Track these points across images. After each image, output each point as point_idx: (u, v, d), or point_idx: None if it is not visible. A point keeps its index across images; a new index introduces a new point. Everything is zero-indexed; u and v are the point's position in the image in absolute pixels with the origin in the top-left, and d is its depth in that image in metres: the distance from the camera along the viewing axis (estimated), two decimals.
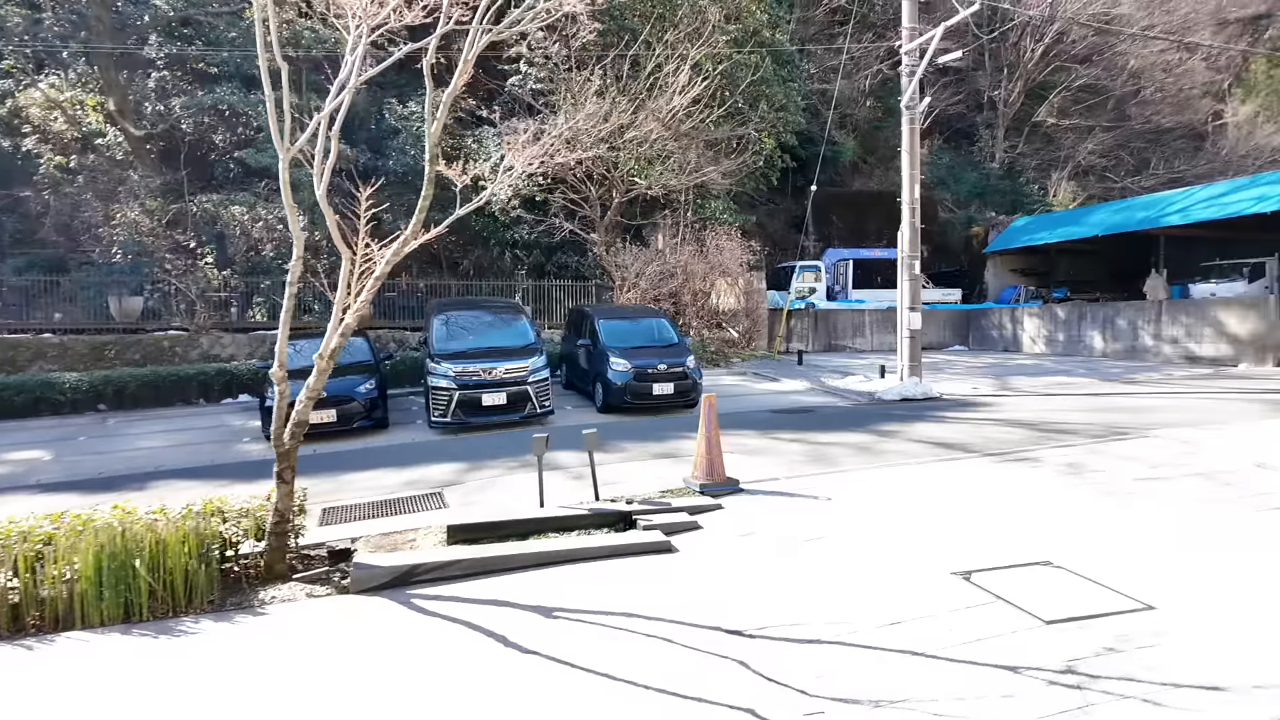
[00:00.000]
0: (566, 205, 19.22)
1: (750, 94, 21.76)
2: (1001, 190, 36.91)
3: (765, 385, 15.43)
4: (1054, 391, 13.46)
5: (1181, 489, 6.39)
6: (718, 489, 6.51)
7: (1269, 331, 15.78)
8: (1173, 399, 11.82)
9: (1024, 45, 37.96)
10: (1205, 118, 38.46)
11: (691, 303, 19.80)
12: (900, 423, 10.35)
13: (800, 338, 21.73)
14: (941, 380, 15.31)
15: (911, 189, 13.66)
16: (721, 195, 22.35)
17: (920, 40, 13.17)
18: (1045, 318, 21.18)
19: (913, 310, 13.80)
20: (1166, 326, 17.71)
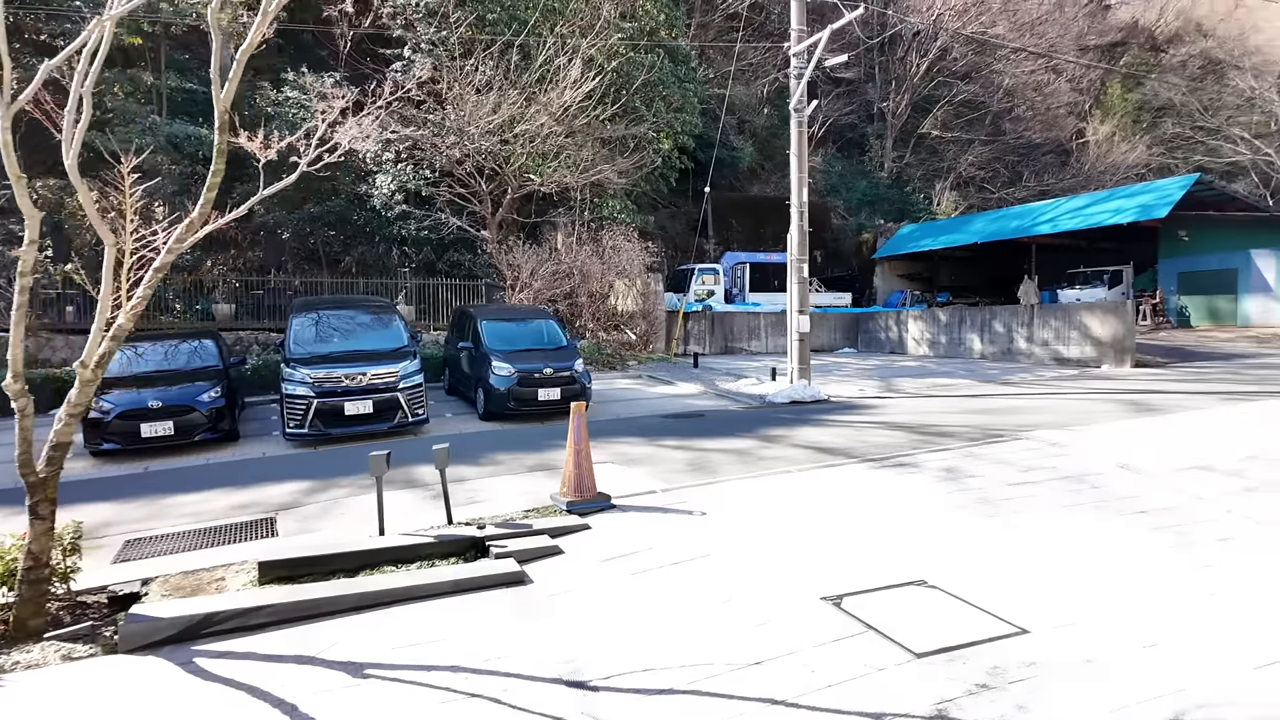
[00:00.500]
0: (454, 200, 18.25)
1: (646, 93, 21.44)
2: (890, 199, 38.31)
3: (659, 389, 15.04)
4: (935, 393, 13.68)
5: (1052, 494, 6.32)
6: (587, 506, 5.95)
7: (1126, 335, 16.71)
8: (1043, 400, 12.18)
9: (910, 60, 39.54)
10: (1070, 135, 41.23)
11: (588, 304, 19.23)
12: (786, 427, 10.12)
13: (698, 340, 21.57)
14: (830, 382, 15.37)
15: (800, 192, 13.58)
16: (619, 195, 21.90)
17: (808, 42, 13.10)
18: (929, 321, 21.87)
19: (802, 313, 13.73)
20: (1038, 330, 18.53)
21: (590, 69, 17.56)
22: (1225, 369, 16.03)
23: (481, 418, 11.59)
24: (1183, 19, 51.54)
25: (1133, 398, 11.86)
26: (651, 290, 19.98)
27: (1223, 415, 9.66)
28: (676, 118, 22.61)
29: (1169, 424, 9.15)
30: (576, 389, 11.50)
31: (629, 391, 14.63)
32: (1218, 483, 6.48)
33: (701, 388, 14.74)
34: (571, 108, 17.65)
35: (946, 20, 38.94)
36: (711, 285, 25.92)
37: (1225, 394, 11.82)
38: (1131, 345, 16.87)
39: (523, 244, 18.98)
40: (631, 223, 21.33)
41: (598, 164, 19.15)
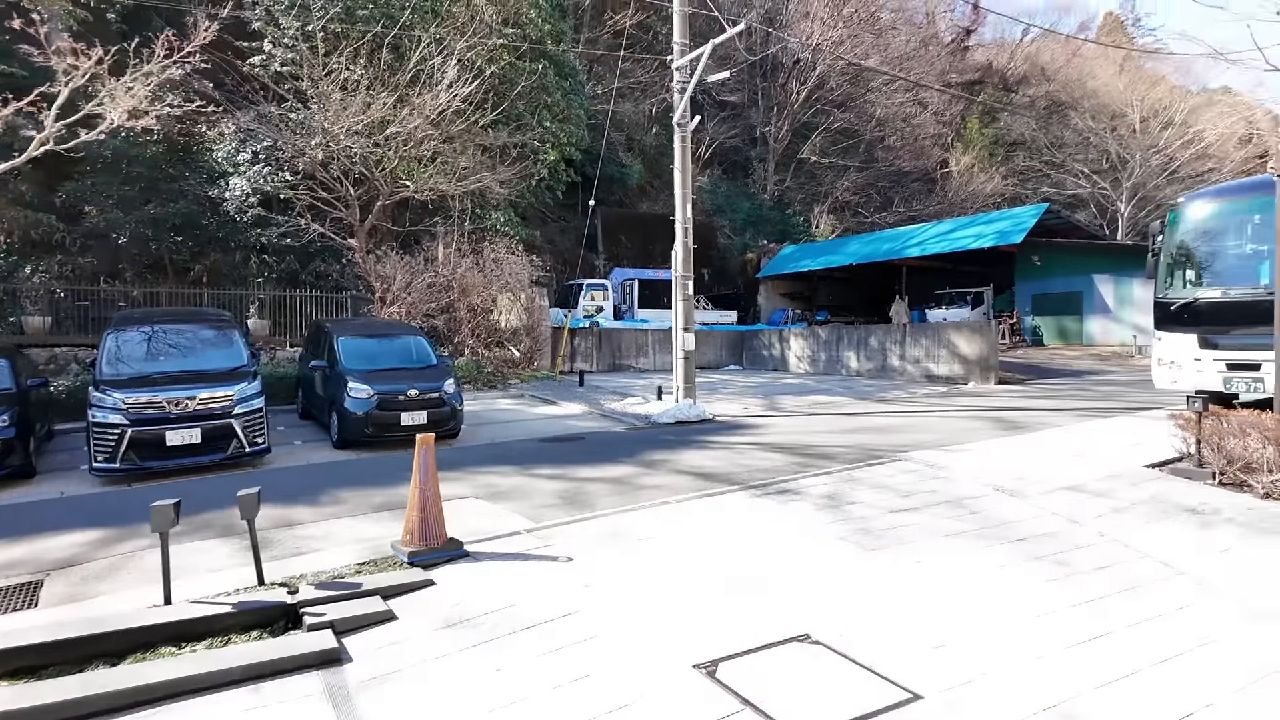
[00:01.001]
0: (316, 205, 16.77)
1: (529, 101, 20.72)
2: (772, 220, 39.28)
3: (541, 409, 14.24)
4: (815, 411, 13.64)
5: (934, 522, 6.06)
6: (433, 556, 5.11)
7: (991, 353, 17.44)
8: (918, 418, 12.32)
9: (790, 87, 40.87)
10: (935, 165, 43.85)
11: (468, 319, 18.18)
12: (669, 450, 9.60)
13: (585, 357, 20.91)
14: (716, 401, 15.09)
15: (684, 208, 13.25)
16: (503, 206, 21.02)
17: (690, 56, 12.83)
18: (809, 339, 22.21)
19: (687, 331, 13.36)
20: (910, 348, 19.10)
21: (468, 72, 16.65)
22: (1075, 385, 17.03)
23: (335, 445, 10.40)
24: (1029, 63, 56.31)
25: (999, 415, 12.19)
26: (536, 305, 19.17)
27: (1081, 433, 9.96)
28: (562, 129, 22.01)
29: (1036, 443, 9.29)
30: (446, 412, 10.55)
31: (508, 413, 13.75)
32: (1088, 504, 6.44)
33: (586, 407, 14.07)
34: (448, 112, 16.65)
35: (824, 50, 40.58)
36: (600, 301, 25.39)
37: (1079, 410, 12.37)
38: (995, 363, 17.64)
39: (396, 254, 17.72)
40: (516, 235, 20.47)
41: (478, 172, 18.20)
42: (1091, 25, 64.41)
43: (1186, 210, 10.96)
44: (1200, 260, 10.84)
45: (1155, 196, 34.81)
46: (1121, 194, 33.82)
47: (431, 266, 17.84)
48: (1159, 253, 11.14)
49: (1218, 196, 11.10)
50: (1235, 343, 10.09)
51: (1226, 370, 10.11)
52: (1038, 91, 53.05)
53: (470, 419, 12.50)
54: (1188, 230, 10.89)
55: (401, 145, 16.77)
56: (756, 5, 43.79)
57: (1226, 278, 10.46)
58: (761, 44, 41.93)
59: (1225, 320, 10.24)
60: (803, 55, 40.94)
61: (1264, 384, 9.73)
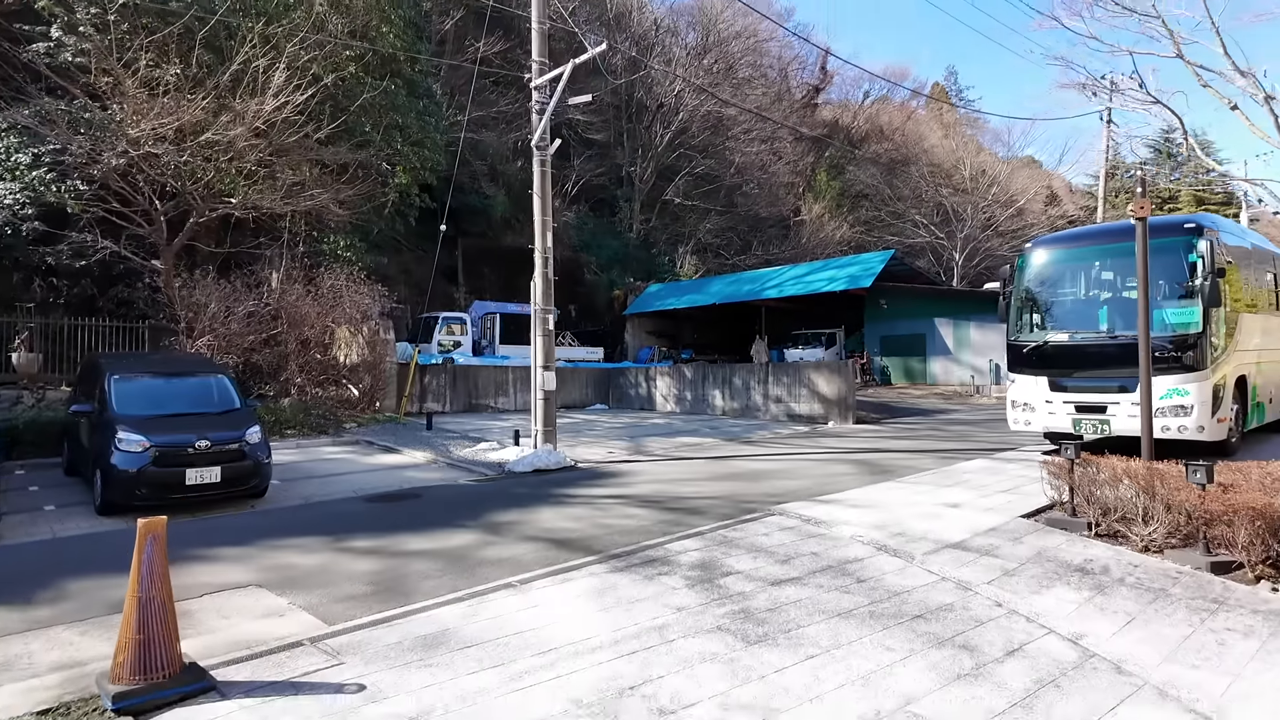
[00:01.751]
0: (109, 218, 14.17)
1: (379, 120, 18.98)
2: (639, 258, 39.12)
3: (377, 458, 12.43)
4: (683, 454, 12.79)
5: (821, 597, 5.17)
6: (156, 696, 3.52)
7: (849, 393, 17.48)
8: (786, 462, 11.74)
9: (655, 130, 41.28)
10: (790, 212, 45.67)
11: (297, 354, 15.95)
12: (522, 508, 8.27)
13: (436, 396, 19.07)
14: (580, 444, 13.91)
15: (544, 236, 12.13)
16: (345, 230, 18.98)
17: (550, 75, 11.87)
18: (675, 377, 21.62)
19: (547, 369, 12.15)
20: (773, 387, 18.89)
21: (303, 79, 14.78)
22: (927, 424, 17.35)
23: (99, 511, 8.23)
24: (870, 123, 60.66)
25: (864, 458, 11.84)
26: (380, 339, 17.23)
27: (948, 478, 9.65)
28: (415, 152, 20.38)
29: (908, 490, 8.82)
30: (247, 467, 8.67)
31: (336, 463, 11.85)
32: (977, 567, 5.81)
33: (431, 455, 12.42)
34: (278, 121, 14.66)
35: (686, 97, 41.42)
36: (458, 336, 23.68)
37: (939, 452, 12.28)
38: (853, 403, 17.70)
39: (212, 279, 15.30)
40: (359, 262, 18.47)
41: (311, 189, 16.19)
42: (923, 93, 70.64)
43: (1032, 256, 11.16)
44: (1047, 304, 11.04)
45: (982, 248, 37.89)
46: (956, 244, 36.46)
47: (256, 294, 15.56)
48: (1009, 297, 11.27)
49: (1060, 243, 11.44)
50: (1082, 385, 10.24)
51: (1075, 412, 10.22)
52: (879, 149, 57.13)
53: (286, 472, 10.59)
54: (1034, 275, 11.08)
55: (220, 155, 14.56)
56: (621, 51, 44.30)
57: (1072, 322, 10.68)
58: (627, 93, 42.30)
59: (1072, 364, 10.40)
60: (666, 100, 41.59)
61: (1109, 426, 9.88)
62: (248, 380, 15.74)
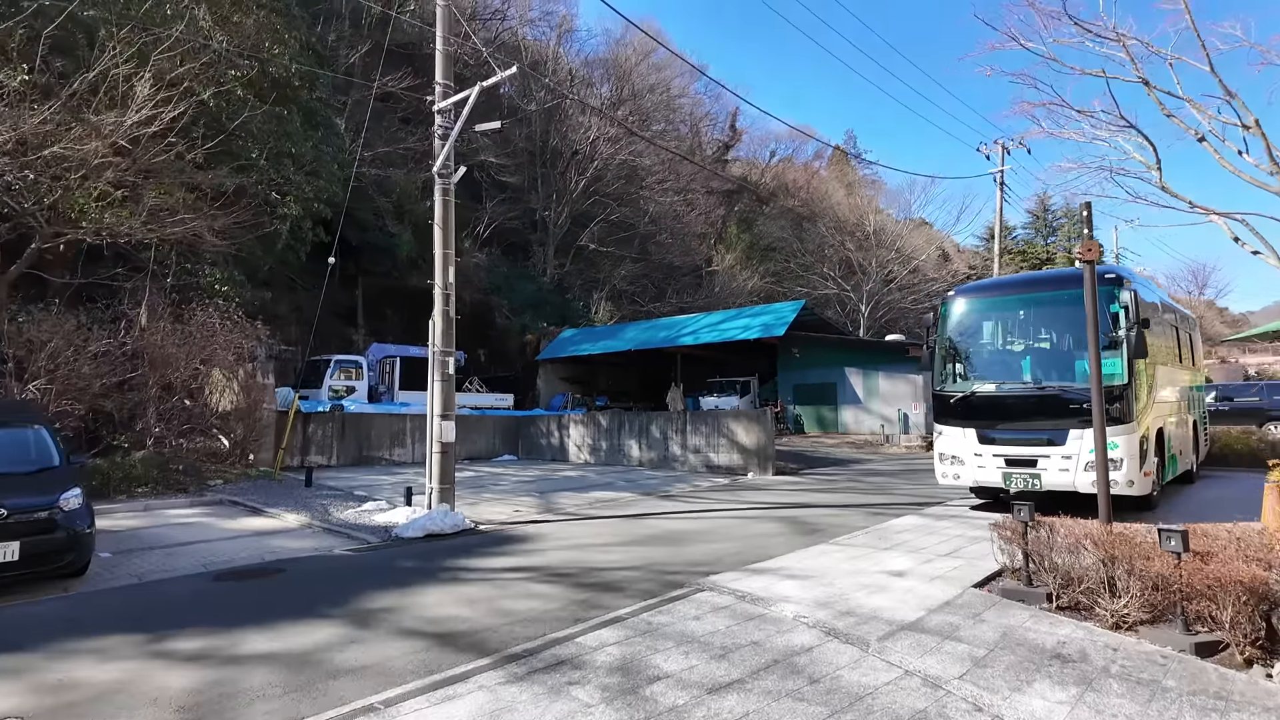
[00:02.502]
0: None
1: (267, 146, 17.35)
2: (553, 303, 38.07)
3: (240, 522, 10.62)
4: (598, 511, 11.61)
5: (770, 709, 4.13)
6: None
7: (768, 443, 16.82)
8: (709, 520, 10.76)
9: (570, 176, 40.84)
10: (703, 261, 45.93)
11: (159, 399, 13.86)
12: (403, 588, 6.88)
13: (322, 448, 17.11)
14: (482, 502, 12.50)
15: (445, 271, 10.92)
16: (225, 263, 17.05)
17: (455, 99, 10.84)
18: (590, 426, 20.46)
19: (445, 418, 10.79)
20: (691, 436, 18.04)
21: (173, 91, 13.11)
22: (847, 475, 16.87)
23: None
24: (777, 180, 62.63)
25: (791, 514, 11.02)
26: (256, 384, 15.28)
27: (885, 539, 8.90)
28: (309, 181, 18.75)
29: (846, 555, 7.98)
30: (58, 540, 6.92)
31: (190, 528, 9.99)
32: (941, 655, 4.93)
33: (306, 518, 10.72)
34: (143, 138, 12.90)
35: (601, 146, 41.30)
36: (353, 380, 21.75)
37: (866, 507, 11.62)
38: (773, 453, 17.05)
39: (57, 313, 13.15)
40: (236, 298, 16.53)
41: (183, 215, 14.33)
42: (825, 154, 73.93)
43: (954, 304, 10.81)
44: (971, 353, 10.68)
45: (884, 300, 39.00)
46: (862, 297, 37.34)
47: (111, 330, 13.47)
48: (933, 345, 10.86)
49: (984, 291, 11.17)
50: (1011, 438, 9.82)
51: (1005, 466, 9.76)
52: (786, 204, 58.91)
53: (124, 541, 8.76)
54: (957, 323, 10.72)
55: (71, 173, 12.63)
56: (537, 98, 43.97)
57: (998, 372, 10.33)
58: (541, 138, 41.81)
59: (1000, 415, 9.98)
60: (581, 147, 41.32)
61: (1039, 480, 9.44)
62: (97, 430, 13.52)
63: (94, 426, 13.48)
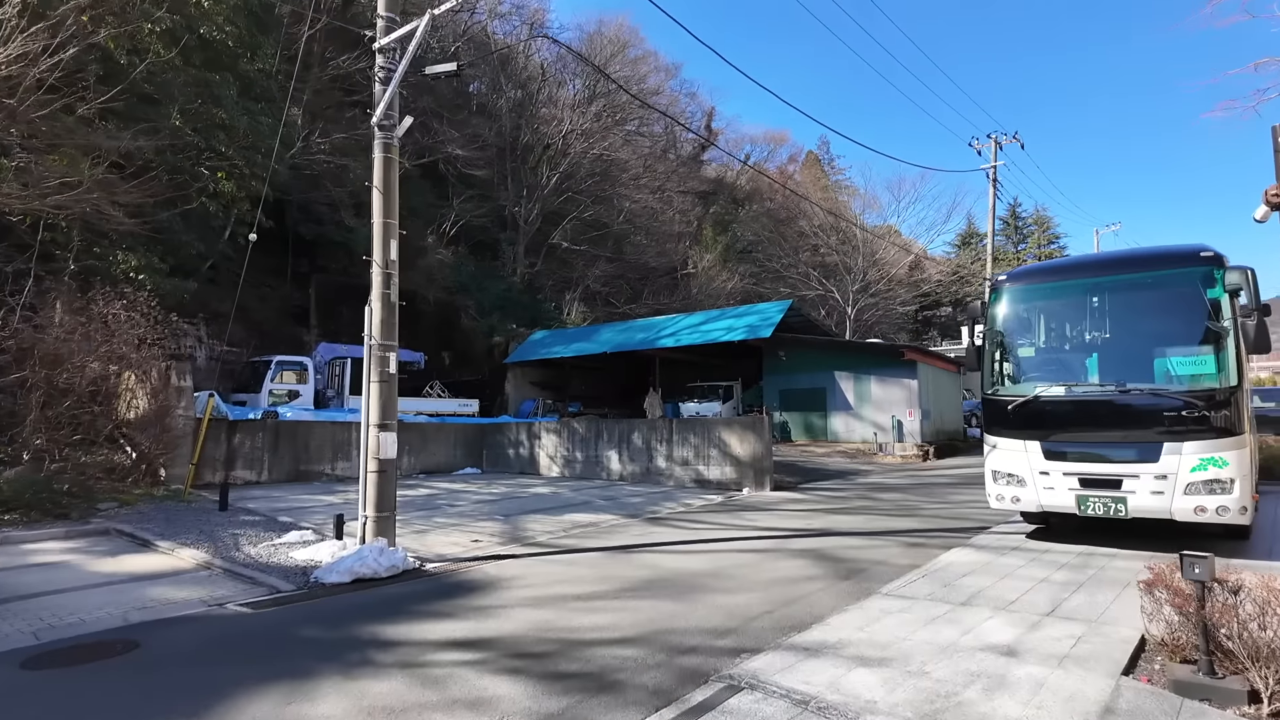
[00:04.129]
0: None
1: (195, 115, 14.90)
2: (523, 304, 35.76)
3: (118, 562, 8.23)
4: (576, 542, 9.46)
5: None
6: None
7: (765, 454, 14.83)
8: (716, 554, 8.68)
9: (541, 171, 38.62)
10: (680, 261, 43.98)
11: (43, 404, 11.33)
12: (291, 685, 4.63)
13: (250, 462, 14.59)
14: (434, 529, 10.26)
15: (385, 245, 8.68)
16: (140, 248, 14.54)
17: (400, 33, 8.64)
18: (564, 435, 18.25)
19: (384, 429, 8.55)
20: (678, 447, 15.96)
21: (58, 35, 10.66)
22: (852, 491, 14.95)
23: None
24: (752, 183, 61.09)
25: (811, 545, 8.99)
26: (171, 388, 12.77)
27: (947, 587, 6.89)
28: (244, 156, 16.30)
29: (916, 614, 5.95)
30: None
31: (47, 571, 7.60)
32: None
33: (208, 554, 8.37)
34: (19, 85, 10.42)
35: (573, 141, 39.18)
36: (296, 384, 19.27)
37: (895, 534, 9.66)
38: (770, 465, 15.05)
39: None
40: (154, 288, 14.02)
41: (84, 185, 11.84)
42: (800, 158, 72.70)
43: (1008, 291, 8.88)
44: (1032, 350, 8.77)
45: (862, 305, 37.37)
46: (847, 297, 35.65)
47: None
48: (981, 341, 8.94)
49: (1046, 275, 9.25)
50: (1088, 453, 7.90)
51: (1080, 487, 7.84)
52: (763, 207, 57.34)
53: None
54: (1013, 314, 8.80)
55: None
56: (508, 94, 41.71)
57: (1068, 372, 8.42)
58: (512, 128, 39.51)
59: (1072, 424, 8.05)
60: (554, 141, 39.14)
61: (1124, 505, 7.53)
62: None
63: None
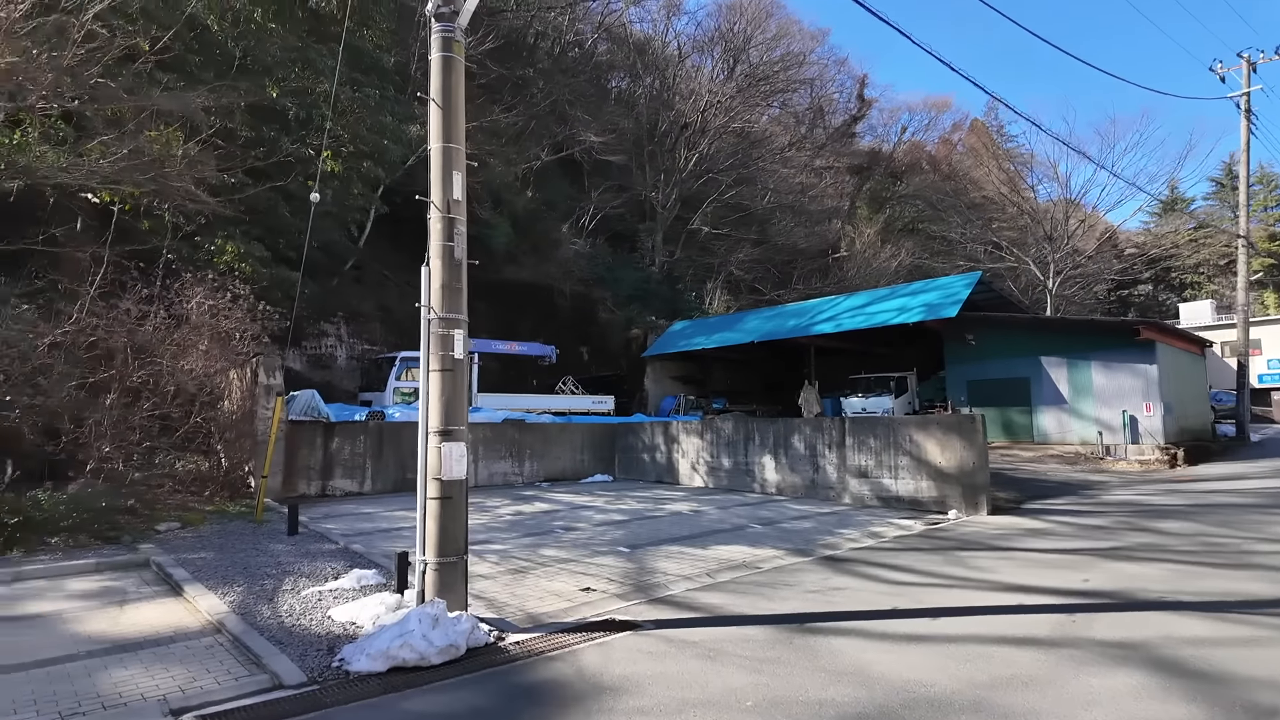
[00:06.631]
0: None
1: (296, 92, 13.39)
2: (661, 294, 33.20)
3: (122, 615, 6.22)
4: (722, 603, 6.43)
5: None
6: None
7: (979, 466, 10.96)
8: (959, 651, 5.31)
9: (679, 153, 35.87)
10: (834, 240, 39.49)
11: (119, 408, 9.94)
12: None
13: (351, 470, 12.79)
14: (534, 568, 7.60)
15: (445, 180, 6.09)
16: (239, 236, 13.22)
17: None
18: (708, 437, 15.21)
19: (449, 437, 5.93)
20: (852, 453, 12.42)
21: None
22: (1104, 514, 10.71)
23: None
24: (911, 155, 54.83)
25: (1117, 629, 5.30)
26: (259, 387, 11.14)
27: None
28: (351, 131, 14.70)
29: None
30: None
31: (14, 632, 5.65)
32: None
33: (229, 606, 6.19)
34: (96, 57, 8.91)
35: (712, 117, 36.04)
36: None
37: (1261, 609, 5.71)
38: (985, 481, 11.15)
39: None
40: (254, 275, 12.59)
41: (170, 162, 10.41)
42: (964, 126, 64.90)
43: None
44: None
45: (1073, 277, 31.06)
46: (1047, 271, 29.69)
47: (57, 318, 9.70)
48: None
49: None
50: None
51: None
52: (924, 181, 51.17)
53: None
54: None
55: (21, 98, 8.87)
56: (644, 81, 39.36)
57: None
58: (649, 111, 37.07)
59: None
60: (691, 119, 36.20)
61: None
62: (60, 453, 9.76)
63: (55, 448, 9.72)
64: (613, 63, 42.12)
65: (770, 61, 41.24)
